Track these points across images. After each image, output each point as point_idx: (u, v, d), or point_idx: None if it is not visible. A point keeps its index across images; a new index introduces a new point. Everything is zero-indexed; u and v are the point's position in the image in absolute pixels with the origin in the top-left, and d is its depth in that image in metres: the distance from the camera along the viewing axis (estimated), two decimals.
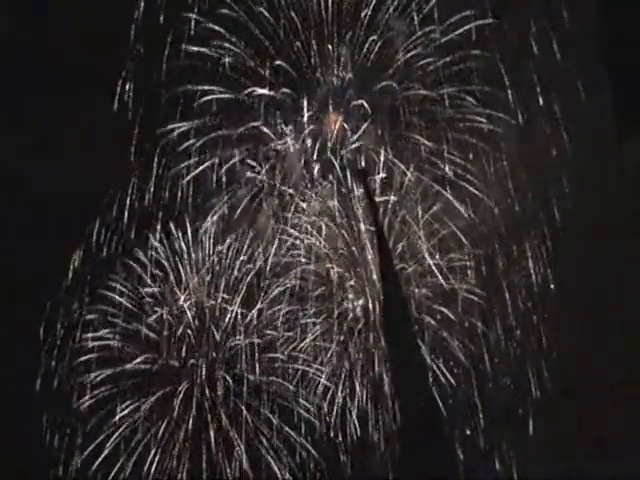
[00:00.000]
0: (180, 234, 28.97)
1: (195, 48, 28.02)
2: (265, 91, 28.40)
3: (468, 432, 26.73)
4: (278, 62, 28.16)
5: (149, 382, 28.23)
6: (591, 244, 26.02)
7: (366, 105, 28.44)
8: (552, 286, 27.04)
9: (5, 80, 27.10)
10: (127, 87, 27.47)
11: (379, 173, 28.29)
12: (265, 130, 28.93)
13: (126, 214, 27.90)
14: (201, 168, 28.49)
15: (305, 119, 28.82)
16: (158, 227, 28.70)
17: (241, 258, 28.72)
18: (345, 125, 28.86)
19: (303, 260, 28.75)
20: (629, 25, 26.78)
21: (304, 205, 29.05)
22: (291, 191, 29.04)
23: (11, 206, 27.41)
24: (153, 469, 27.35)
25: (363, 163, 28.55)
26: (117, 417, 27.39)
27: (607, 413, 24.72)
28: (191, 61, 28.02)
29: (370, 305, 28.32)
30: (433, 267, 27.88)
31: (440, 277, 27.84)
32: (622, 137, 26.93)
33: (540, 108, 27.28)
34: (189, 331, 28.70)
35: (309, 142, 28.89)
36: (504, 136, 27.54)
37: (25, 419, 26.51)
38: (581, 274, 26.38)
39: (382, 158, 28.28)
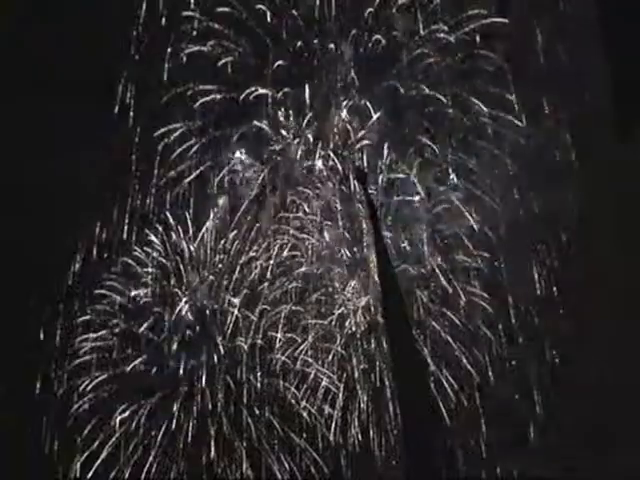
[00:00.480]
0: (181, 235, 28.87)
1: (196, 47, 27.93)
2: (266, 91, 28.27)
3: (468, 433, 26.68)
4: (280, 61, 28.03)
5: (149, 384, 28.10)
6: (592, 244, 25.95)
7: (369, 105, 28.39)
8: (554, 289, 27.06)
9: (5, 80, 26.85)
10: (128, 87, 27.37)
11: (382, 174, 28.24)
12: (266, 130, 28.83)
13: (127, 215, 27.82)
14: (202, 168, 28.41)
15: (307, 119, 28.76)
16: (159, 228, 28.65)
17: (242, 259, 28.62)
18: (348, 125, 28.80)
19: (304, 261, 28.68)
20: (629, 25, 26.68)
21: (305, 206, 28.95)
22: (292, 191, 28.96)
23: (11, 206, 27.19)
24: (153, 472, 27.25)
25: (365, 164, 28.45)
26: (117, 420, 27.28)
27: (607, 413, 24.65)
28: (191, 61, 27.95)
29: (372, 307, 28.25)
30: (436, 269, 27.86)
31: (443, 279, 27.81)
32: (622, 137, 26.83)
33: (543, 109, 27.26)
34: (190, 332, 28.59)
35: (311, 142, 28.82)
36: (508, 137, 27.52)
37: (24, 421, 26.33)
38: (581, 274, 26.35)
39: (385, 159, 28.25)
